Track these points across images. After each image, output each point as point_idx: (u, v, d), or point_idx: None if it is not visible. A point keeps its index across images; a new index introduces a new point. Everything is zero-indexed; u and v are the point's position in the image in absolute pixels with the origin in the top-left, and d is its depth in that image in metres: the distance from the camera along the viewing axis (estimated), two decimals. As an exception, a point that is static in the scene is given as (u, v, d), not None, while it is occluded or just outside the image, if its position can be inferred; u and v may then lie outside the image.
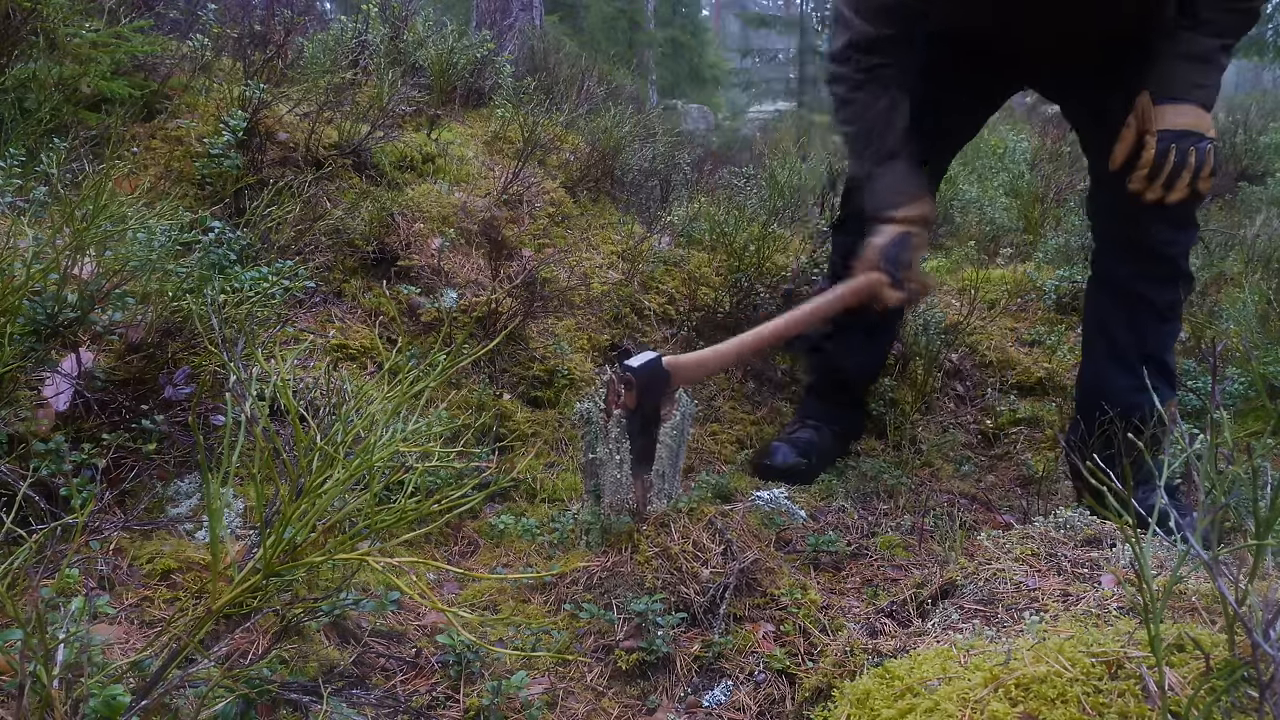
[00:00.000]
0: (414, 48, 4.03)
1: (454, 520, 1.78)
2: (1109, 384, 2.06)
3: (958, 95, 2.20)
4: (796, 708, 1.26)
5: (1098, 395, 2.06)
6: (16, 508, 1.04)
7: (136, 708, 0.89)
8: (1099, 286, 2.14)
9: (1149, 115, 1.83)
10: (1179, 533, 0.88)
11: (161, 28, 3.07)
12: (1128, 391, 2.02)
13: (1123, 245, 2.04)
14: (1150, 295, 2.03)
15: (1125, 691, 0.90)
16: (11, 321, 1.35)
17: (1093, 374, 2.14)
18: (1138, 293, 2.03)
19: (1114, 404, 2.01)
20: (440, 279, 2.45)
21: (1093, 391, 2.11)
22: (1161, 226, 1.96)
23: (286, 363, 1.82)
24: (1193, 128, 1.80)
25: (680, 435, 1.65)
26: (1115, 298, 2.08)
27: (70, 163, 2.07)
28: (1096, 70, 2.01)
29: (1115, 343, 2.07)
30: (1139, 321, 2.05)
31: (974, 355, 3.07)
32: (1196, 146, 1.79)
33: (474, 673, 1.28)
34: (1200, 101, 1.83)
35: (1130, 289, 2.04)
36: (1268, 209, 4.72)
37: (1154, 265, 2.01)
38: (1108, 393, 2.04)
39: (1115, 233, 2.08)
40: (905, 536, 1.79)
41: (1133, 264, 2.03)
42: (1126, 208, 1.91)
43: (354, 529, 1.00)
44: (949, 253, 4.24)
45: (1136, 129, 1.86)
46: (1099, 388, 2.08)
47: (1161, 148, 1.80)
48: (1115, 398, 2.02)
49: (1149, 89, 1.85)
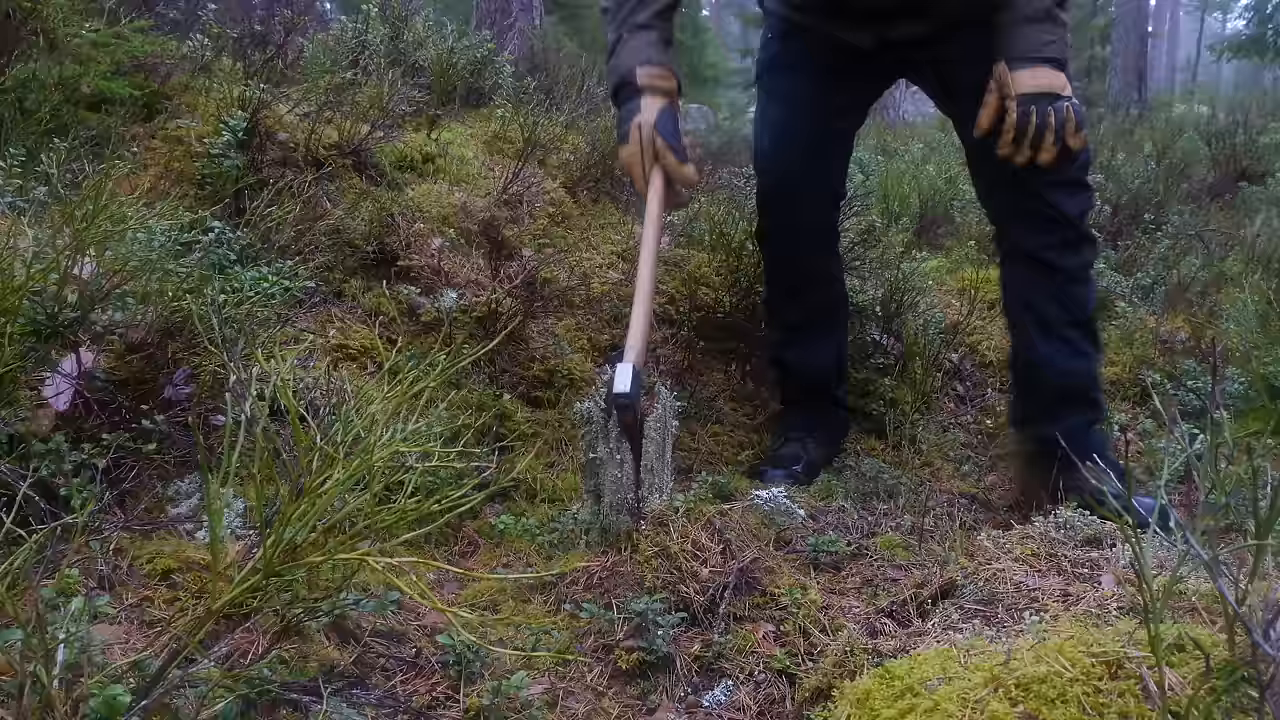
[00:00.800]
0: (414, 48, 4.02)
1: (454, 520, 1.78)
2: (1045, 357, 2.08)
3: (838, 97, 2.22)
4: (796, 708, 1.26)
5: (1035, 370, 2.10)
6: (16, 508, 1.04)
7: (137, 708, 0.89)
8: (1012, 262, 2.15)
9: (1006, 82, 1.89)
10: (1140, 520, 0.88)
11: (161, 28, 3.07)
12: (1064, 358, 2.07)
13: (1023, 217, 2.07)
14: (1061, 263, 2.06)
15: (1125, 691, 0.90)
16: (11, 321, 1.35)
17: (1026, 350, 2.15)
18: (1049, 261, 2.06)
19: (1053, 375, 2.06)
20: (440, 279, 2.45)
21: (1029, 367, 2.13)
22: (1055, 192, 2.00)
23: (286, 363, 1.82)
24: (1048, 89, 1.87)
25: (665, 428, 1.65)
26: (1031, 270, 2.09)
27: (70, 163, 2.07)
28: (959, 53, 2.05)
29: (1042, 315, 2.09)
30: (1059, 290, 2.08)
31: (974, 355, 3.07)
32: (1054, 106, 1.86)
33: (474, 673, 1.28)
34: (1052, 59, 1.89)
35: (1042, 258, 2.06)
36: (1268, 209, 4.72)
37: (1057, 231, 2.04)
38: (1044, 366, 2.08)
39: (1014, 206, 2.09)
40: (905, 536, 1.79)
41: (1038, 234, 2.05)
42: (1017, 179, 1.97)
43: (354, 529, 1.00)
44: (949, 253, 4.24)
45: (998, 96, 1.91)
46: (1034, 362, 2.11)
47: (1021, 110, 1.87)
48: (1053, 368, 2.07)
49: (1002, 57, 1.91)
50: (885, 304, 2.89)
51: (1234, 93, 18.35)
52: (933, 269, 3.88)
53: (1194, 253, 3.92)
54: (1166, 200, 4.65)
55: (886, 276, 3.00)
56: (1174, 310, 3.32)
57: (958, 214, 4.70)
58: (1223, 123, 7.04)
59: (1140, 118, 11.15)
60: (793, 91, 2.23)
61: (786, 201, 2.25)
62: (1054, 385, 2.08)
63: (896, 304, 2.90)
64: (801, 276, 2.32)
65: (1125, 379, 2.93)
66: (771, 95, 2.29)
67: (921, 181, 4.82)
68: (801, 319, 2.35)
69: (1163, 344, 3.09)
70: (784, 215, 2.26)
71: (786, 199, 2.25)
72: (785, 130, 2.23)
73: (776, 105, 2.27)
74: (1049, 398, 2.10)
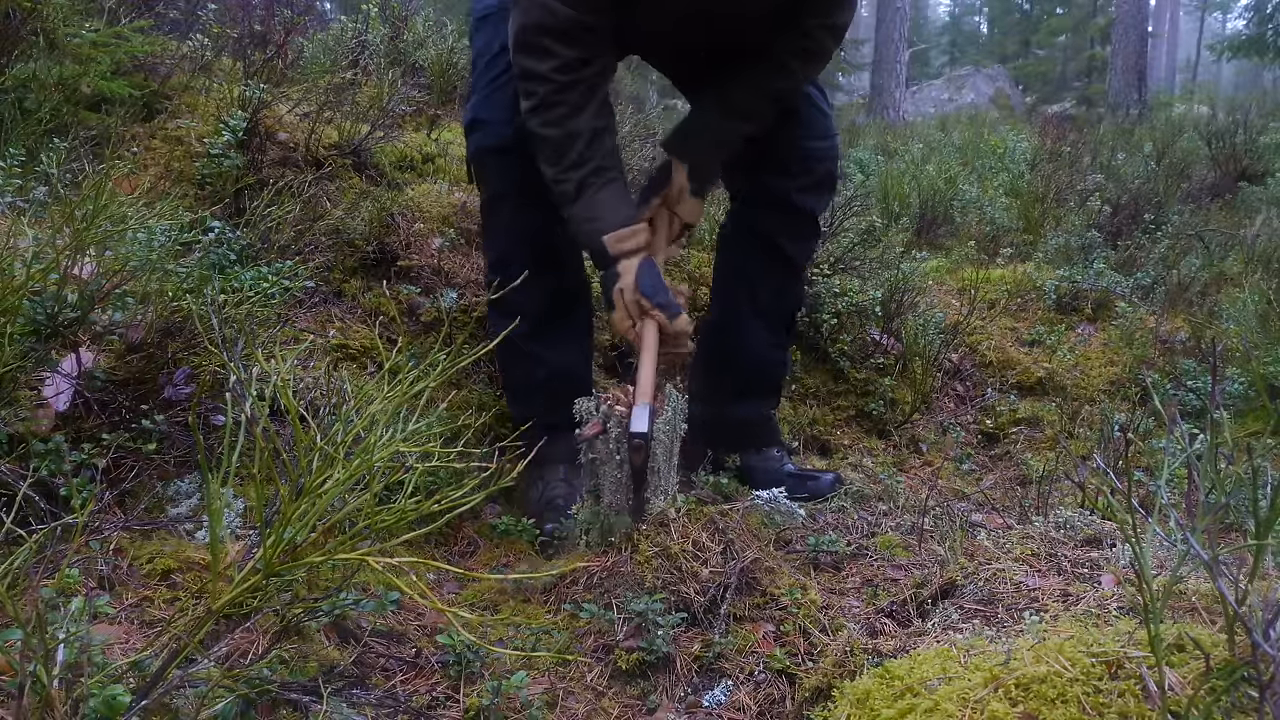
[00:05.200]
0: (414, 48, 4.02)
1: (454, 520, 1.78)
2: (750, 339, 2.10)
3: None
4: (796, 708, 1.26)
5: (736, 348, 2.11)
6: (16, 508, 1.04)
7: (136, 708, 0.89)
8: (742, 235, 2.11)
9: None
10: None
11: (161, 28, 3.07)
12: (770, 349, 2.11)
13: (768, 203, 2.05)
14: (793, 252, 2.07)
15: (1125, 691, 0.90)
16: (11, 321, 1.35)
17: (732, 325, 2.12)
18: (783, 249, 2.06)
19: (754, 359, 2.10)
20: (440, 279, 2.45)
21: (732, 344, 2.12)
22: (805, 195, 2.02)
23: (286, 363, 1.82)
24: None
25: (674, 430, 1.65)
26: (761, 251, 2.08)
27: (70, 163, 2.07)
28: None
29: (757, 298, 2.09)
30: (783, 280, 2.10)
31: (974, 355, 3.07)
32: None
33: (474, 673, 1.28)
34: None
35: (776, 243, 2.06)
36: (1268, 209, 4.72)
37: (800, 223, 2.06)
38: (747, 348, 2.10)
39: (761, 190, 2.06)
40: (905, 536, 1.79)
41: (778, 219, 2.05)
42: (774, 168, 1.98)
43: (354, 529, 1.00)
44: (949, 253, 4.24)
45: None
46: (739, 342, 2.11)
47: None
48: (756, 353, 2.10)
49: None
50: (885, 304, 2.89)
51: (1234, 93, 18.36)
52: (933, 269, 3.88)
53: (1194, 253, 3.92)
54: (1166, 200, 4.65)
55: (886, 276, 3.00)
56: (1174, 310, 3.32)
57: (958, 214, 4.70)
58: (1223, 123, 7.04)
59: (1140, 118, 11.16)
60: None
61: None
62: (754, 369, 2.12)
63: (896, 304, 2.90)
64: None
65: (1125, 379, 2.93)
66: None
67: (921, 181, 4.82)
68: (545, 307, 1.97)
69: (1163, 344, 3.09)
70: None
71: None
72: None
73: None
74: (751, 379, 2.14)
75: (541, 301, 1.92)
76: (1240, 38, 16.43)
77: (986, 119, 11.21)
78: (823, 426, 2.66)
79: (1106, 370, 2.98)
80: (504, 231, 1.94)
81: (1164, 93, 19.12)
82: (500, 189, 1.91)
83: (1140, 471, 2.31)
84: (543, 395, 1.94)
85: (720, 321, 2.15)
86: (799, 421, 2.61)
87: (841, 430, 2.68)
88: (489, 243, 2.00)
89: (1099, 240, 4.08)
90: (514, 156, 1.81)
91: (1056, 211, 4.72)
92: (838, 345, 2.79)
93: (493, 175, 1.91)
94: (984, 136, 7.89)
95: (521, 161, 1.79)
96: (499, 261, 1.93)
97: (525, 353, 1.95)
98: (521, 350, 1.94)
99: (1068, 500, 2.17)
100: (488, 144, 1.87)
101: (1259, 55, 15.45)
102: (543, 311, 1.93)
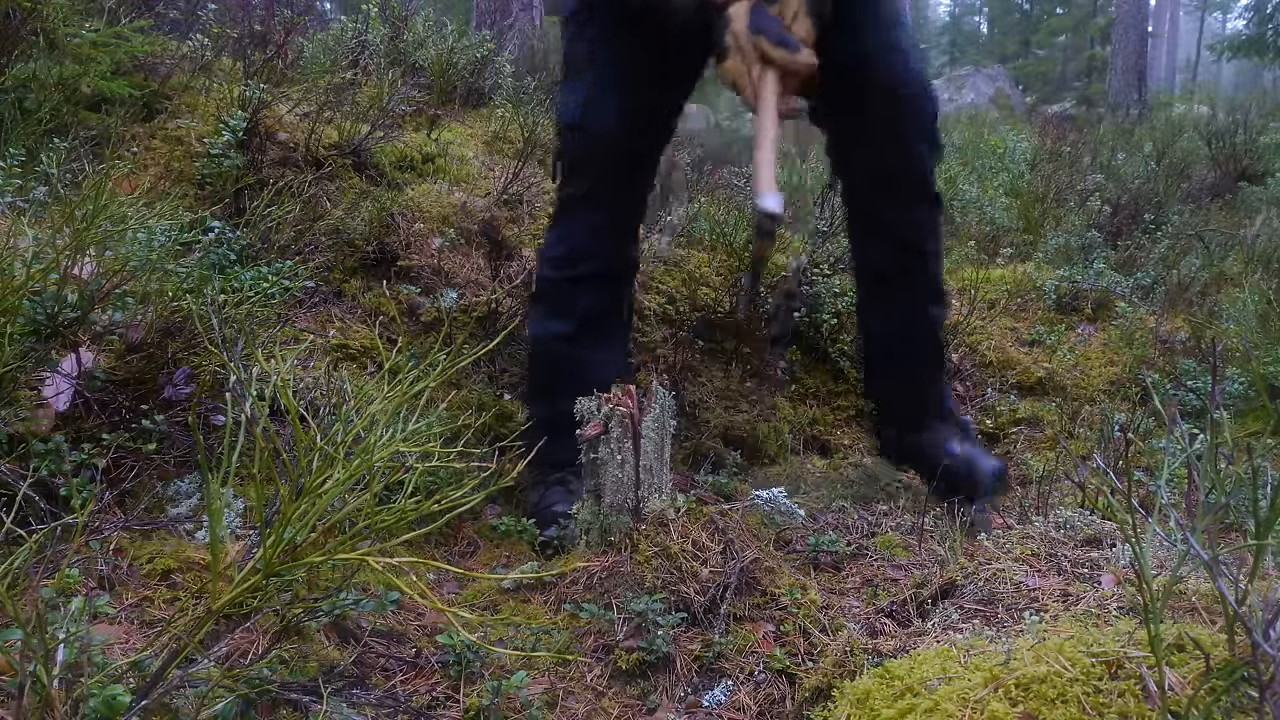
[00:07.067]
0: (414, 48, 4.03)
1: (454, 520, 1.78)
2: (925, 315, 2.08)
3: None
4: (796, 708, 1.26)
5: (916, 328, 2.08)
6: (16, 508, 1.04)
7: (136, 708, 0.89)
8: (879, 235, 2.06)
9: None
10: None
11: (161, 28, 3.07)
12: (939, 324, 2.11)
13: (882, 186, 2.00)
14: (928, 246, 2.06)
15: (1125, 691, 0.90)
16: (11, 321, 1.35)
17: (905, 308, 2.08)
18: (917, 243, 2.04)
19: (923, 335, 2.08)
20: (440, 279, 2.45)
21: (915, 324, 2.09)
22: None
23: (286, 363, 1.82)
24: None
25: (663, 428, 1.65)
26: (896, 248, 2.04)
27: (70, 163, 2.07)
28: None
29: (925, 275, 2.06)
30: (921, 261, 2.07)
31: (974, 355, 3.07)
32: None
33: (474, 673, 1.28)
34: None
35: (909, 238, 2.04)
36: (1268, 209, 4.72)
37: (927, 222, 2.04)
38: (928, 322, 2.08)
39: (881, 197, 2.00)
40: (905, 536, 1.79)
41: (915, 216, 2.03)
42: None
43: (354, 529, 1.00)
44: (949, 253, 4.24)
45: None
46: (917, 319, 2.08)
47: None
48: (932, 328, 2.09)
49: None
50: (885, 304, 2.88)
51: (1234, 93, 18.36)
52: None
53: (1194, 253, 3.92)
54: (1166, 200, 4.66)
55: (886, 276, 2.99)
56: (1174, 310, 3.32)
57: (958, 214, 4.70)
58: (1223, 123, 7.04)
59: (1140, 118, 11.16)
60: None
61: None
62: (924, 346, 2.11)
63: (896, 304, 2.89)
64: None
65: (1125, 379, 2.93)
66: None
67: (921, 181, 4.81)
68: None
69: (1163, 344, 3.09)
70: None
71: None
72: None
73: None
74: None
75: (596, 305, 1.95)
76: (1240, 38, 16.43)
77: (986, 119, 11.21)
78: (823, 426, 2.66)
79: (1106, 370, 2.98)
80: (580, 228, 1.96)
81: (1164, 93, 19.12)
82: (585, 188, 1.94)
83: (1140, 471, 2.31)
84: (569, 400, 1.82)
85: (887, 306, 2.14)
86: (799, 421, 2.61)
87: (841, 430, 2.68)
88: (559, 236, 2.00)
89: (1099, 240, 4.08)
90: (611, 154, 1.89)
91: (1056, 211, 4.72)
92: (838, 345, 2.78)
93: (583, 172, 1.94)
94: (984, 136, 7.89)
95: (621, 158, 1.90)
96: (567, 258, 1.96)
97: (562, 355, 1.96)
98: (558, 352, 1.96)
99: (1068, 500, 2.17)
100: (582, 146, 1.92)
101: (1259, 55, 15.45)
102: (593, 316, 1.95)
